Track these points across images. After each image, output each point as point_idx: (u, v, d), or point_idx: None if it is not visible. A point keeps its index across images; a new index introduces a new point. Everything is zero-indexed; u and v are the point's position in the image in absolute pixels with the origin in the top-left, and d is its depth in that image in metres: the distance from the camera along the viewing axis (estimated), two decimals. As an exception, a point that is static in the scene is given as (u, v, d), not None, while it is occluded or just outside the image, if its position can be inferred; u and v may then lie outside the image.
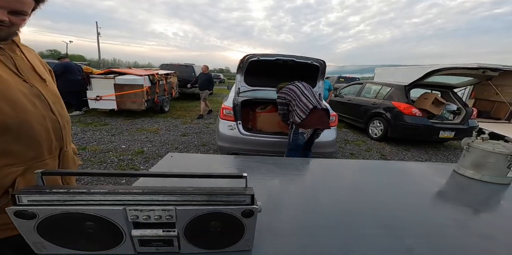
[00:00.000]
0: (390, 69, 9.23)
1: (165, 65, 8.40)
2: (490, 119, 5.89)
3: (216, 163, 1.11)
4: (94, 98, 4.62)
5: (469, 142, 1.01)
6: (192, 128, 4.61)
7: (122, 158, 2.96)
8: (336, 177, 1.01)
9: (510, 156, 0.89)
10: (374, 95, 4.94)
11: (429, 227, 0.65)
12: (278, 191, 0.84)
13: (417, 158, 3.72)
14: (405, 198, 0.82)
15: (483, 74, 3.49)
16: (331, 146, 2.61)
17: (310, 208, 0.72)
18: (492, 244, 0.59)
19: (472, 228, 0.66)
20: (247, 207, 0.44)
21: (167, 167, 1.00)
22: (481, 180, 0.96)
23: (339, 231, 0.61)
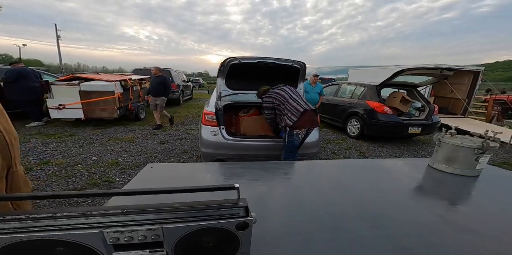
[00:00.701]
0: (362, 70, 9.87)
1: (138, 70, 7.95)
2: (449, 115, 6.58)
3: (201, 172, 1.05)
4: (56, 107, 4.17)
5: (440, 137, 1.08)
6: (172, 135, 4.40)
7: (93, 170, 2.70)
8: (322, 178, 1.02)
9: (477, 150, 0.97)
10: (350, 95, 5.21)
11: (415, 224, 0.67)
12: (268, 197, 0.81)
13: (391, 154, 3.98)
14: (389, 196, 0.84)
15: (441, 73, 3.89)
16: (315, 146, 2.66)
17: (301, 213, 0.71)
18: (475, 237, 0.62)
19: (453, 222, 0.69)
20: (241, 220, 0.42)
21: (147, 180, 0.93)
22: (453, 173, 1.03)
23: (333, 235, 0.61)
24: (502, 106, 7.32)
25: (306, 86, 4.23)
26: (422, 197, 0.87)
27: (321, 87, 4.45)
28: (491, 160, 3.68)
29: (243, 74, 2.81)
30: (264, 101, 2.35)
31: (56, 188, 2.28)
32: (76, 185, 2.37)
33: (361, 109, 4.58)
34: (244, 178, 0.98)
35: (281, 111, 2.27)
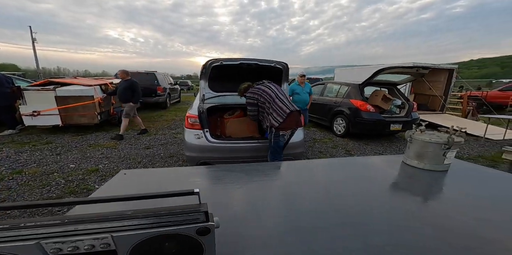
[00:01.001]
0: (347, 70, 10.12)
1: (120, 73, 7.70)
2: (428, 111, 6.88)
3: (177, 177, 1.02)
4: (30, 114, 3.94)
5: (411, 134, 1.12)
6: (158, 139, 4.29)
7: (70, 178, 2.58)
8: (300, 178, 1.02)
9: (444, 145, 1.01)
10: (335, 94, 5.32)
11: (386, 221, 0.68)
12: (244, 199, 0.80)
13: (375, 151, 4.10)
14: (363, 193, 0.86)
15: (417, 72, 4.07)
16: (300, 146, 2.69)
17: (276, 214, 0.71)
18: (444, 231, 0.63)
19: (422, 217, 0.70)
20: (201, 225, 0.42)
21: (118, 186, 0.89)
22: (424, 168, 1.07)
23: (306, 235, 0.61)
24: (477, 102, 7.77)
25: (295, 88, 4.10)
26: (394, 193, 0.89)
27: (309, 86, 4.38)
28: (467, 154, 3.88)
29: (226, 76, 2.79)
30: (248, 97, 2.26)
31: (28, 198, 2.15)
32: (51, 194, 2.25)
33: (346, 108, 4.68)
34: (223, 181, 0.97)
35: (265, 109, 2.22)
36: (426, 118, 5.54)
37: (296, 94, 4.15)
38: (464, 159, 3.61)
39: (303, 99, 4.18)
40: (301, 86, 4.18)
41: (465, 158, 3.68)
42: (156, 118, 6.64)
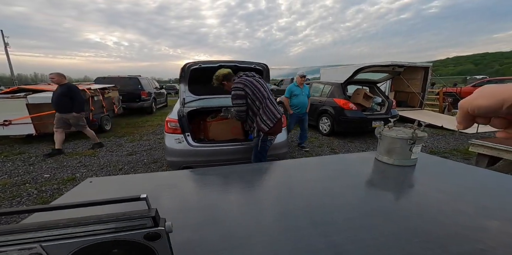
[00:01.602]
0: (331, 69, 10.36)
1: (101, 78, 7.42)
2: (408, 108, 7.18)
3: (145, 183, 0.99)
4: (0, 123, 3.70)
5: (380, 131, 1.15)
6: (141, 145, 4.16)
7: (44, 188, 2.46)
8: (276, 179, 1.02)
9: (409, 140, 1.05)
10: (320, 94, 5.43)
11: (350, 219, 0.68)
12: (212, 203, 0.78)
13: (359, 148, 4.20)
14: (333, 192, 0.86)
15: (393, 70, 4.24)
16: (284, 146, 2.70)
17: (244, 216, 0.69)
18: (414, 228, 0.64)
19: (389, 213, 0.72)
20: (149, 230, 0.42)
21: (81, 195, 0.85)
22: (393, 164, 1.10)
23: (273, 237, 0.60)
24: (453, 98, 8.20)
25: (294, 89, 3.73)
26: (365, 190, 0.91)
27: (308, 89, 3.98)
28: (443, 148, 4.07)
29: (206, 79, 2.76)
30: (236, 88, 1.88)
31: None
32: (21, 205, 2.14)
33: (330, 107, 4.78)
34: (192, 185, 0.96)
35: (253, 109, 1.97)
36: (406, 115, 5.77)
37: (294, 97, 3.77)
38: (441, 153, 3.79)
39: (303, 102, 3.77)
40: (300, 87, 3.77)
41: (441, 151, 3.86)
42: (141, 124, 6.45)
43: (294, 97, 3.75)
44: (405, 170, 1.07)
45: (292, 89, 3.76)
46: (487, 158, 2.26)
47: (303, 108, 3.79)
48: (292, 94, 3.76)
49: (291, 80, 13.95)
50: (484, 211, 0.71)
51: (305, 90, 3.84)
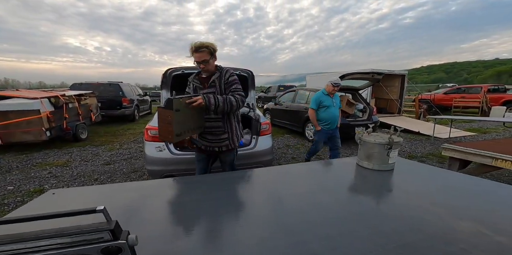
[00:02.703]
0: (317, 76, 10.70)
1: (78, 84, 7.04)
2: (387, 114, 7.54)
3: (114, 194, 0.92)
4: (-42, 132, 3.35)
5: (360, 137, 1.18)
6: (121, 154, 3.94)
7: (6, 201, 2.25)
8: (257, 187, 0.99)
9: (386, 145, 1.07)
10: (306, 100, 5.53)
11: (328, 226, 0.66)
12: (190, 213, 0.73)
13: (343, 154, 4.28)
14: (313, 198, 0.84)
15: (373, 77, 4.46)
16: (269, 153, 2.68)
17: (218, 227, 0.65)
18: (390, 232, 0.63)
19: (368, 218, 0.71)
20: (107, 244, 0.40)
21: (42, 207, 0.80)
22: (373, 169, 1.12)
23: (248, 247, 0.56)
24: (428, 105, 8.76)
25: (323, 99, 2.90)
26: (343, 195, 0.90)
27: (339, 99, 3.15)
28: (420, 152, 4.27)
29: (190, 85, 2.72)
30: (233, 73, 1.52)
31: None
32: None
33: (314, 114, 4.87)
34: (169, 194, 0.91)
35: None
36: (386, 121, 6.04)
37: (323, 108, 2.91)
38: (418, 157, 3.96)
39: (333, 115, 2.94)
40: (331, 97, 2.97)
41: (418, 156, 4.04)
42: (122, 132, 6.16)
43: (323, 109, 2.91)
44: (384, 175, 1.09)
45: (321, 99, 2.90)
46: (458, 161, 2.39)
47: (334, 123, 2.98)
48: (320, 106, 2.91)
49: (278, 87, 14.14)
50: (456, 212, 0.73)
51: (336, 101, 3.02)
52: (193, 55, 1.40)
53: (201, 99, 1.31)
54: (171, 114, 1.18)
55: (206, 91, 1.49)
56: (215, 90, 1.49)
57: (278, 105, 6.24)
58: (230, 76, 1.50)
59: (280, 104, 6.21)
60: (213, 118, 1.53)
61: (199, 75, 1.56)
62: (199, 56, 1.40)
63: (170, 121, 1.19)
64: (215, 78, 1.49)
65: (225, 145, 1.59)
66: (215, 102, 1.37)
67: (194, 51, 1.39)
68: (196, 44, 1.38)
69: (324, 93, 2.95)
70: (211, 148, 1.61)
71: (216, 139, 1.57)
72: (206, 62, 1.42)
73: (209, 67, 1.46)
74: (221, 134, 1.57)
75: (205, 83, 1.52)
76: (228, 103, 1.42)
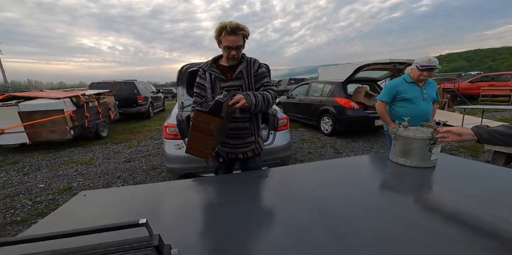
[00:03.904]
0: (330, 68, 10.34)
1: (96, 84, 7.30)
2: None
3: (141, 196, 0.91)
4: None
5: (395, 131, 1.07)
6: (140, 151, 4.05)
7: (39, 199, 2.36)
8: (287, 186, 0.94)
9: (428, 140, 0.97)
10: (320, 93, 5.36)
11: (375, 230, 0.60)
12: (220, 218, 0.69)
13: (363, 148, 4.13)
14: (349, 199, 0.78)
15: (394, 67, 4.19)
16: (287, 149, 2.61)
17: (260, 229, 0.61)
18: (437, 236, 0.56)
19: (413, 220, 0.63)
20: None
21: (76, 209, 0.81)
22: (411, 166, 1.02)
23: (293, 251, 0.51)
24: (452, 94, 8.19)
25: (403, 88, 1.91)
26: (382, 195, 0.82)
27: (436, 88, 2.04)
28: (449, 145, 4.01)
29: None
30: (261, 64, 1.27)
31: None
32: (16, 217, 2.05)
33: (331, 107, 4.71)
34: (195, 196, 0.89)
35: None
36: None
37: (402, 102, 1.94)
38: (446, 151, 3.72)
39: (419, 112, 1.89)
40: (418, 85, 1.92)
41: (447, 149, 3.79)
42: (139, 129, 6.33)
43: (402, 103, 1.93)
44: (425, 172, 0.99)
45: (400, 89, 1.92)
46: (505, 156, 2.19)
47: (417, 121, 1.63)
48: (397, 98, 1.94)
49: (289, 81, 13.82)
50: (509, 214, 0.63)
51: (430, 90, 1.94)
52: (224, 38, 1.09)
53: (244, 99, 1.03)
54: (215, 123, 0.86)
55: (230, 85, 1.20)
56: (242, 84, 1.20)
57: (291, 99, 6.11)
58: (260, 68, 1.24)
59: (293, 98, 6.08)
60: (239, 118, 1.23)
61: (217, 63, 1.25)
62: (234, 40, 1.09)
63: (212, 131, 0.88)
64: (242, 69, 1.19)
65: (251, 149, 1.30)
66: (256, 101, 1.08)
67: (228, 33, 1.07)
68: (232, 24, 1.07)
69: (407, 80, 1.93)
70: (233, 155, 1.29)
71: (241, 143, 1.27)
72: (240, 48, 1.13)
73: (239, 55, 1.18)
74: (247, 136, 1.28)
75: (228, 74, 1.21)
76: (266, 102, 1.14)
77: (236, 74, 1.19)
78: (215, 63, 1.25)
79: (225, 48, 1.12)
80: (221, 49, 1.17)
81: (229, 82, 1.21)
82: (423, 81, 1.93)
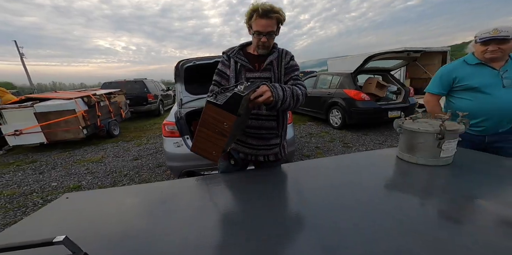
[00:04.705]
0: (339, 60, 9.90)
1: (107, 83, 7.54)
2: (426, 95, 6.67)
3: (126, 197, 0.87)
4: (12, 133, 3.80)
5: (400, 124, 0.94)
6: (147, 149, 4.13)
7: (49, 198, 2.47)
8: (281, 185, 0.85)
9: (437, 134, 0.83)
10: (328, 85, 5.13)
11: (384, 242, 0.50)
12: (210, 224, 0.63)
13: (375, 141, 3.91)
14: (349, 203, 0.68)
15: (409, 56, 3.88)
16: (290, 144, 2.51)
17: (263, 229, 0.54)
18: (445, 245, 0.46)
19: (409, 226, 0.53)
20: None
21: (56, 212, 0.80)
22: (417, 163, 0.89)
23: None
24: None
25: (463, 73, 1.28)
26: (385, 196, 0.71)
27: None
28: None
29: (204, 77, 2.61)
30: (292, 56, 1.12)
31: (1, 222, 2.04)
32: (26, 216, 2.13)
33: (340, 99, 4.50)
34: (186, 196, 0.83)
35: None
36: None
37: (465, 92, 1.30)
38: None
39: (496, 106, 1.21)
40: (489, 66, 1.24)
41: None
42: (149, 126, 6.48)
43: (466, 93, 1.30)
44: (433, 171, 0.86)
45: (456, 75, 1.32)
46: None
47: (499, 122, 1.24)
48: (457, 87, 1.33)
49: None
50: None
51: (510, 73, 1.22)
52: (254, 22, 0.95)
53: (269, 92, 0.86)
54: (229, 121, 0.69)
55: (257, 76, 1.04)
56: (271, 76, 1.04)
57: None
58: (292, 60, 1.09)
59: None
60: (265, 115, 1.06)
61: (244, 51, 1.09)
62: (267, 25, 0.94)
63: (224, 131, 0.71)
64: (273, 59, 1.04)
65: (274, 153, 1.12)
66: (284, 96, 0.91)
67: (260, 16, 0.93)
68: (265, 6, 0.92)
69: (469, 62, 1.30)
70: (253, 157, 1.12)
71: (264, 144, 1.09)
72: (272, 34, 0.98)
73: (271, 43, 1.01)
74: (272, 137, 1.10)
75: (256, 63, 1.05)
76: (295, 99, 0.95)
77: (265, 65, 1.03)
78: (242, 50, 1.09)
79: (255, 34, 0.97)
80: (250, 36, 1.03)
81: (256, 73, 1.04)
82: (499, 60, 1.23)
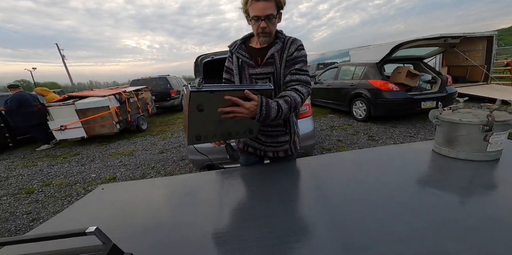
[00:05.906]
0: (362, 50, 9.29)
1: (136, 81, 8.05)
2: (468, 83, 5.95)
3: (158, 189, 0.94)
4: (58, 129, 4.28)
5: (437, 114, 0.84)
6: (171, 143, 4.36)
7: (90, 188, 2.73)
8: (304, 180, 0.84)
9: (483, 126, 0.72)
10: (351, 76, 4.86)
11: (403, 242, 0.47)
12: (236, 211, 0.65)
13: (405, 133, 3.63)
14: (378, 202, 0.64)
15: (446, 42, 3.48)
16: (311, 137, 2.45)
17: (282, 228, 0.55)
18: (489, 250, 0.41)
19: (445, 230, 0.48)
20: None
21: (93, 203, 0.86)
22: (457, 157, 0.80)
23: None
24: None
25: None
26: (420, 195, 0.65)
27: None
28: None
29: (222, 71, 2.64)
30: (301, 45, 0.97)
31: (51, 210, 2.30)
32: (70, 205, 2.41)
33: (364, 90, 4.23)
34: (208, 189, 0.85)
35: None
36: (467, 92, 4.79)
37: None
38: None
39: None
40: None
41: None
42: (173, 121, 6.81)
43: None
44: (476, 167, 0.76)
45: None
46: None
47: None
48: None
49: (317, 66, 12.91)
50: None
51: None
52: (251, 6, 0.86)
53: (246, 113, 0.76)
54: (186, 110, 0.75)
55: (259, 72, 0.97)
56: (273, 71, 0.95)
57: (318, 84, 5.71)
58: (297, 50, 0.93)
59: (320, 83, 5.67)
60: None
61: (246, 44, 1.01)
62: (264, 7, 0.84)
63: (186, 116, 0.76)
64: (274, 52, 0.93)
65: (284, 150, 1.10)
66: (276, 116, 0.81)
67: None
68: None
69: None
70: (262, 152, 1.12)
71: (272, 141, 1.09)
72: (272, 18, 0.87)
73: (272, 29, 0.90)
74: (279, 135, 1.08)
75: (259, 57, 0.96)
76: (293, 108, 0.86)
77: (266, 59, 0.93)
78: (244, 44, 1.01)
79: (253, 19, 0.87)
80: (251, 26, 0.93)
81: (257, 68, 0.97)
82: None
